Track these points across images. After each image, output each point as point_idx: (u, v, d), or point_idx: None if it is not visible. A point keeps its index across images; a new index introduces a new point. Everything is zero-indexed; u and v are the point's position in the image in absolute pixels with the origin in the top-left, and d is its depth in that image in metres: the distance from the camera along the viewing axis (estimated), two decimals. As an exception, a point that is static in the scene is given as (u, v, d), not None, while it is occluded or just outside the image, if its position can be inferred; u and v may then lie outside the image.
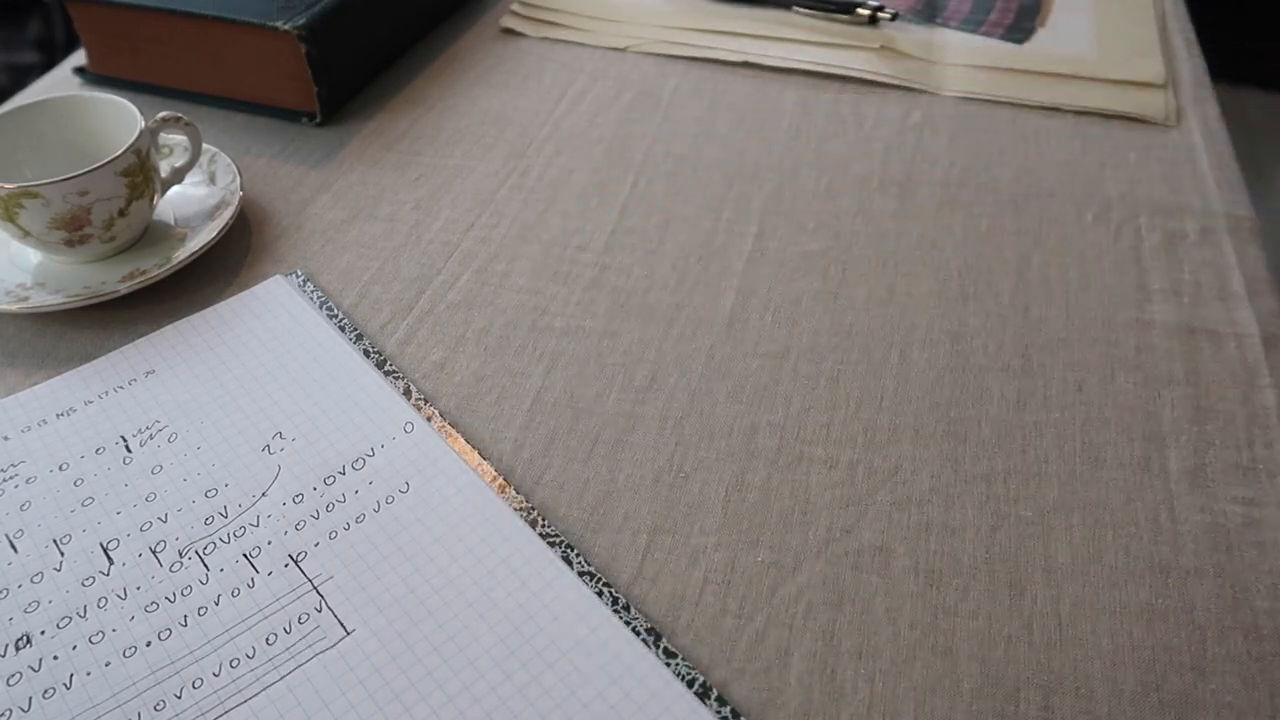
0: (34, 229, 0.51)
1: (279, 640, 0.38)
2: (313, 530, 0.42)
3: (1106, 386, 0.49)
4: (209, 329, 0.52)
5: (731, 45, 0.75)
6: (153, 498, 0.43)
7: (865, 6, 0.77)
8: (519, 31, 0.78)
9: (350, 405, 0.47)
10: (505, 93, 0.71)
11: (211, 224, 0.56)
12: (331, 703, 0.36)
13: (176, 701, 0.36)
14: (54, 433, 0.46)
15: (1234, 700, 0.37)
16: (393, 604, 0.39)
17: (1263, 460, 0.45)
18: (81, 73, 0.72)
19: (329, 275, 0.56)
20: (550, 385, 0.49)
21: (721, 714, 0.36)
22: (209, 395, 0.48)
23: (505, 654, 0.37)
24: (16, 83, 1.08)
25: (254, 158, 0.65)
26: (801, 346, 0.51)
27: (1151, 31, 0.77)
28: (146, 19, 0.67)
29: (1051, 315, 0.53)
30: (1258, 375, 0.49)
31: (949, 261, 0.56)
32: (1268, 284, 0.55)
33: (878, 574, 0.41)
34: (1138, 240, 0.58)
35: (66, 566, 0.41)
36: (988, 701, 0.37)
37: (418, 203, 0.61)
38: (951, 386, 0.49)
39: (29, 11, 1.55)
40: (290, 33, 0.63)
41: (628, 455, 0.46)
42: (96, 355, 0.51)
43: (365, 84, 0.72)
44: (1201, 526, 0.43)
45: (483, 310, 0.53)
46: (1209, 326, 0.52)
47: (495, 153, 0.65)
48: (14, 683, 0.37)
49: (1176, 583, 0.41)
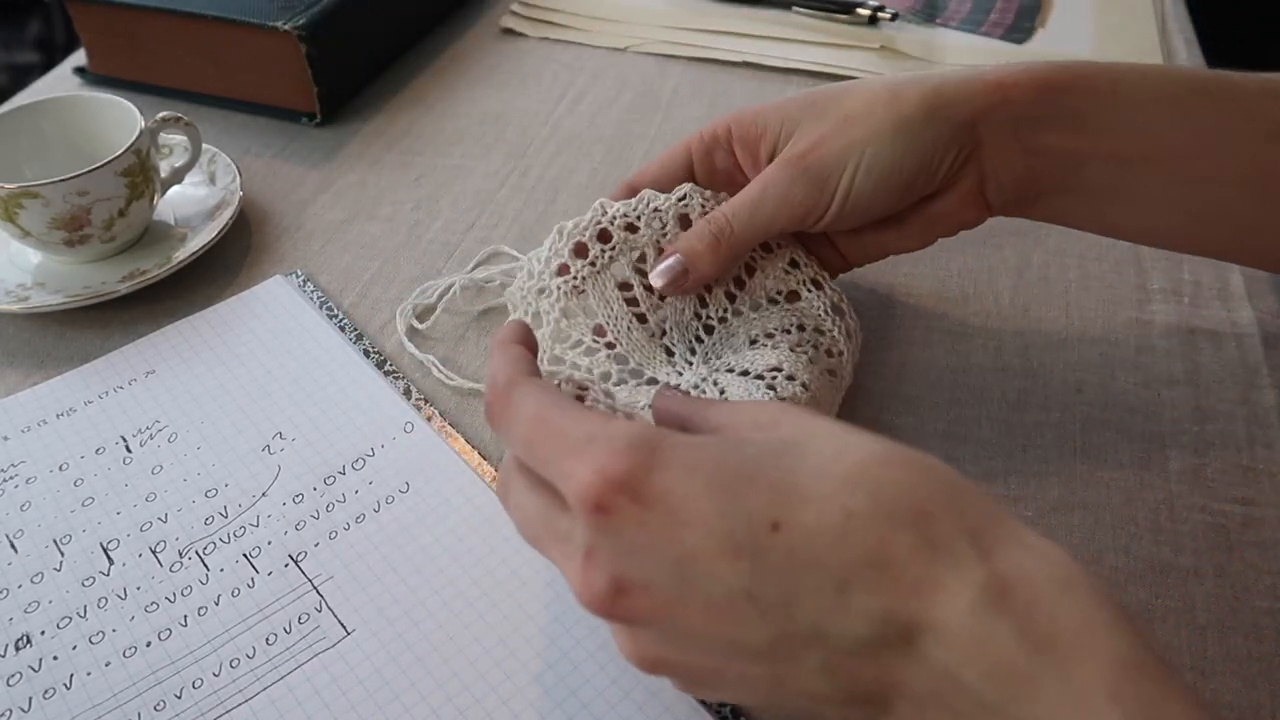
0: (34, 229, 0.51)
1: (279, 640, 0.38)
2: (313, 530, 0.42)
3: (1106, 386, 0.49)
4: (209, 329, 0.51)
5: (731, 45, 0.75)
6: (153, 498, 0.43)
7: (865, 6, 0.77)
8: (519, 31, 0.78)
9: (350, 405, 0.47)
10: (505, 93, 0.71)
11: (211, 224, 0.56)
12: (331, 703, 0.36)
13: (176, 701, 0.36)
14: (54, 433, 0.46)
15: (1234, 700, 0.37)
16: (393, 604, 0.39)
17: (1263, 460, 0.45)
18: (81, 73, 0.72)
19: (329, 275, 0.56)
20: (550, 385, 0.49)
21: (721, 714, 0.36)
22: (209, 395, 0.48)
23: (505, 654, 0.37)
24: (16, 83, 1.08)
25: (254, 158, 0.65)
26: (801, 346, 0.51)
27: (1151, 31, 0.77)
28: (146, 19, 0.67)
29: (1051, 315, 0.53)
30: (1258, 375, 0.49)
31: (949, 261, 0.56)
32: (1268, 284, 0.54)
33: (878, 574, 0.41)
34: (1138, 240, 0.58)
35: (66, 566, 0.41)
36: (988, 701, 0.37)
37: (418, 203, 0.61)
38: (951, 386, 0.49)
39: (29, 11, 1.55)
40: (290, 33, 0.63)
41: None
42: (96, 355, 0.50)
43: (365, 84, 0.72)
44: (1201, 526, 0.43)
45: (483, 310, 0.53)
46: (1209, 326, 0.52)
47: (495, 153, 0.65)
48: (14, 683, 0.37)
49: (1176, 583, 0.41)
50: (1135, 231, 0.44)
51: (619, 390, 0.42)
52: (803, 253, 0.45)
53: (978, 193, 0.42)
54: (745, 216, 0.42)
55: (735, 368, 0.42)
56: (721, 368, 0.42)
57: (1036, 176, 0.41)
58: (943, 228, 0.44)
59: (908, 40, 0.76)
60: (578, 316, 0.44)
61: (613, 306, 0.44)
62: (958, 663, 0.24)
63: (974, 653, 0.24)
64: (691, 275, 0.42)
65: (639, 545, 0.27)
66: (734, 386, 0.41)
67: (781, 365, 0.41)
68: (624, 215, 0.44)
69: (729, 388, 0.41)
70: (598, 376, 0.43)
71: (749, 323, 0.44)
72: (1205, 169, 0.40)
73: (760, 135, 0.44)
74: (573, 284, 0.44)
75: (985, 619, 0.24)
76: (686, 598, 0.27)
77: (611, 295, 0.44)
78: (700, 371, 0.43)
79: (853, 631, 0.26)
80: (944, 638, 0.25)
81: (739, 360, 0.42)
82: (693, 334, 0.44)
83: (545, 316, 0.44)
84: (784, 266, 0.45)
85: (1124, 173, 0.40)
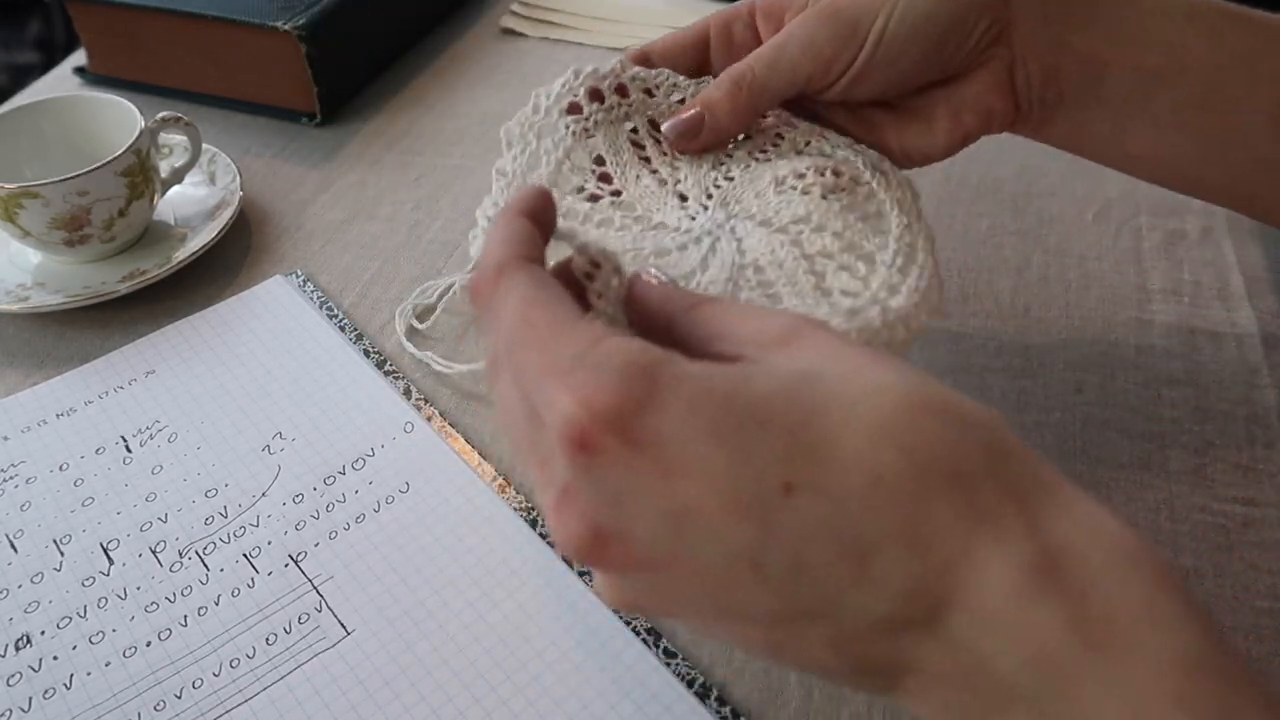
0: (34, 229, 0.51)
1: (279, 640, 0.38)
2: (313, 530, 0.42)
3: (1106, 386, 0.49)
4: (209, 329, 0.51)
5: (731, 45, 0.75)
6: (153, 498, 0.43)
7: (865, 6, 0.76)
8: (519, 32, 0.78)
9: (350, 405, 0.47)
10: (505, 93, 0.71)
11: (211, 224, 0.56)
12: (331, 703, 0.36)
13: (176, 701, 0.36)
14: (54, 433, 0.46)
15: (1234, 700, 0.37)
16: (393, 604, 0.39)
17: (1263, 460, 0.45)
18: (81, 73, 0.72)
19: (329, 275, 0.56)
20: (550, 385, 0.49)
21: (721, 714, 0.36)
22: (209, 395, 0.48)
23: (505, 654, 0.37)
24: (16, 83, 1.08)
25: (254, 158, 0.65)
26: (801, 346, 0.51)
27: (1151, 31, 0.77)
28: (146, 19, 0.67)
29: (1051, 315, 0.53)
30: (1258, 375, 0.49)
31: (949, 261, 0.56)
32: (1268, 284, 0.54)
33: (878, 574, 0.41)
34: (1138, 240, 0.58)
35: (66, 566, 0.41)
36: (988, 701, 0.37)
37: (418, 203, 0.61)
38: (951, 386, 0.49)
39: (29, 11, 1.55)
40: (290, 33, 0.63)
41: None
42: (96, 355, 0.50)
43: (365, 84, 0.72)
44: (1201, 526, 0.43)
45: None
46: (1209, 326, 0.52)
47: (495, 153, 0.65)
48: (14, 683, 0.37)
49: (1176, 583, 0.41)
50: (1151, 160, 0.42)
51: (621, 236, 0.38)
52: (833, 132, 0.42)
53: (1007, 79, 0.41)
54: (768, 60, 0.39)
55: (756, 214, 0.38)
56: (741, 214, 0.38)
57: (1061, 75, 0.40)
58: (971, 117, 0.41)
59: (908, 40, 0.76)
60: (583, 161, 0.41)
61: (622, 154, 0.40)
62: (992, 648, 0.22)
63: (1013, 639, 0.22)
64: (708, 126, 0.39)
65: (626, 492, 0.24)
66: (753, 238, 0.37)
67: (810, 215, 0.37)
68: (643, 80, 0.41)
69: (747, 239, 0.37)
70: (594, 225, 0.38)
71: (776, 166, 0.40)
72: (1230, 92, 0.39)
73: (788, 3, 0.41)
74: (584, 125, 0.40)
75: (1030, 603, 0.21)
76: (678, 555, 0.24)
77: (623, 142, 0.40)
78: (716, 216, 0.38)
79: (870, 607, 0.23)
80: (978, 620, 0.22)
81: (761, 207, 0.38)
82: (710, 181, 0.40)
83: (546, 157, 0.40)
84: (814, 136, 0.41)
85: (1146, 87, 0.40)
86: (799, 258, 0.36)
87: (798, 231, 0.37)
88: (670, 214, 0.39)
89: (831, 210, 0.37)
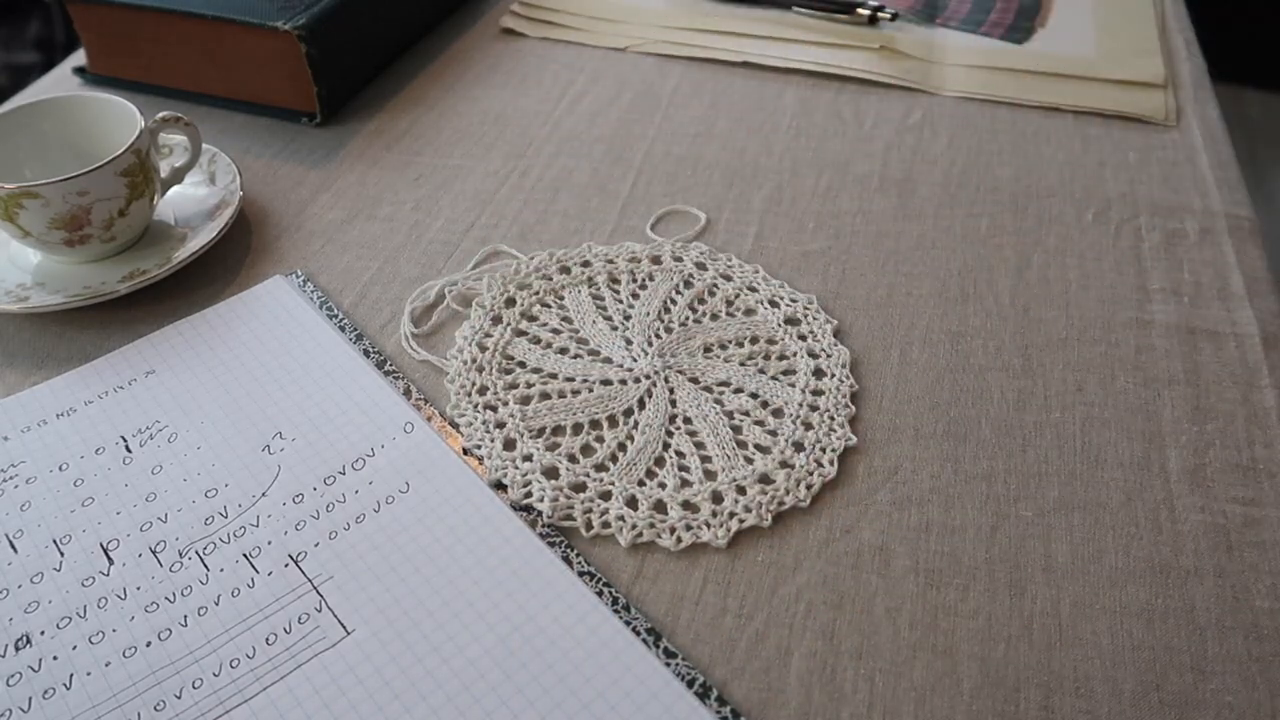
0: (34, 229, 0.51)
1: (279, 640, 0.38)
2: (313, 530, 0.42)
3: (1106, 386, 0.49)
4: (209, 329, 0.52)
5: (731, 45, 0.75)
6: (153, 498, 0.43)
7: (865, 6, 0.77)
8: (519, 31, 0.78)
9: (350, 405, 0.47)
10: (505, 93, 0.71)
11: (211, 224, 0.56)
12: (331, 703, 0.36)
13: (176, 701, 0.36)
14: (54, 433, 0.46)
15: (1234, 700, 0.37)
16: (393, 604, 0.39)
17: (1263, 460, 0.45)
18: (81, 73, 0.72)
19: (329, 275, 0.56)
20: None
21: (721, 714, 0.36)
22: (209, 395, 0.48)
23: (505, 654, 0.37)
24: (16, 83, 1.08)
25: (254, 158, 0.65)
26: (801, 346, 0.51)
27: (1152, 31, 0.77)
28: (146, 19, 0.67)
29: (1051, 315, 0.53)
30: (1258, 375, 0.49)
31: (949, 261, 0.56)
32: (1268, 284, 0.55)
33: (878, 574, 0.41)
34: (1138, 240, 0.58)
35: (66, 566, 0.41)
36: (987, 701, 0.37)
37: (418, 203, 0.61)
38: (951, 386, 0.49)
39: (29, 11, 1.55)
40: (290, 33, 0.63)
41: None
42: (96, 355, 0.50)
43: (365, 84, 0.72)
44: (1201, 526, 0.43)
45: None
46: (1209, 326, 0.52)
47: (495, 153, 0.65)
48: (14, 683, 0.37)
49: (1176, 583, 0.41)
50: None
51: (575, 363, 0.49)
52: (763, 278, 0.53)
53: None
54: None
55: (687, 371, 0.48)
56: (675, 366, 0.48)
57: None
58: None
59: (907, 40, 0.76)
60: (550, 308, 0.52)
61: (584, 307, 0.52)
62: None
63: None
64: None
65: None
66: (684, 391, 0.47)
67: (729, 379, 0.48)
68: (604, 252, 0.55)
69: (679, 390, 0.47)
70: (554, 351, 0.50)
71: (706, 331, 0.50)
72: None
73: None
74: (552, 287, 0.53)
75: None
76: None
77: (585, 300, 0.52)
78: (655, 363, 0.48)
79: None
80: None
81: (691, 365, 0.48)
82: (653, 331, 0.50)
83: (520, 296, 0.52)
84: (745, 288, 0.53)
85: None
86: (720, 414, 0.46)
87: (720, 392, 0.47)
88: (616, 352, 0.49)
89: (748, 374, 0.48)
